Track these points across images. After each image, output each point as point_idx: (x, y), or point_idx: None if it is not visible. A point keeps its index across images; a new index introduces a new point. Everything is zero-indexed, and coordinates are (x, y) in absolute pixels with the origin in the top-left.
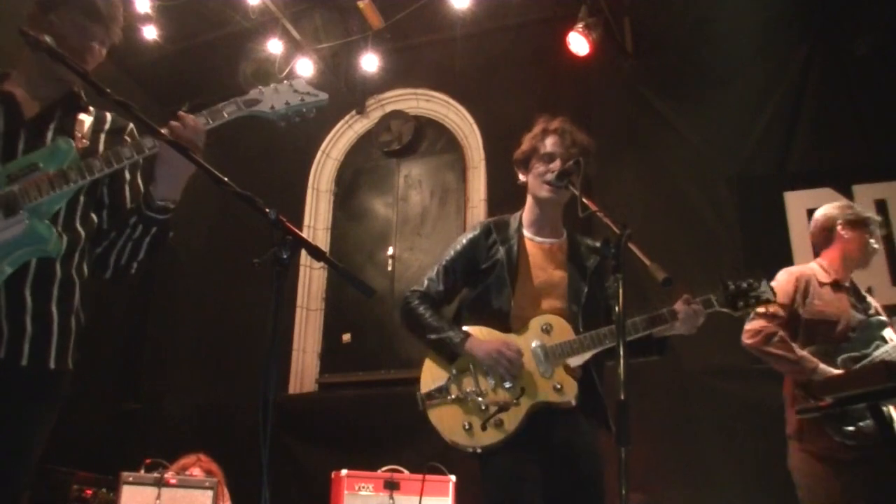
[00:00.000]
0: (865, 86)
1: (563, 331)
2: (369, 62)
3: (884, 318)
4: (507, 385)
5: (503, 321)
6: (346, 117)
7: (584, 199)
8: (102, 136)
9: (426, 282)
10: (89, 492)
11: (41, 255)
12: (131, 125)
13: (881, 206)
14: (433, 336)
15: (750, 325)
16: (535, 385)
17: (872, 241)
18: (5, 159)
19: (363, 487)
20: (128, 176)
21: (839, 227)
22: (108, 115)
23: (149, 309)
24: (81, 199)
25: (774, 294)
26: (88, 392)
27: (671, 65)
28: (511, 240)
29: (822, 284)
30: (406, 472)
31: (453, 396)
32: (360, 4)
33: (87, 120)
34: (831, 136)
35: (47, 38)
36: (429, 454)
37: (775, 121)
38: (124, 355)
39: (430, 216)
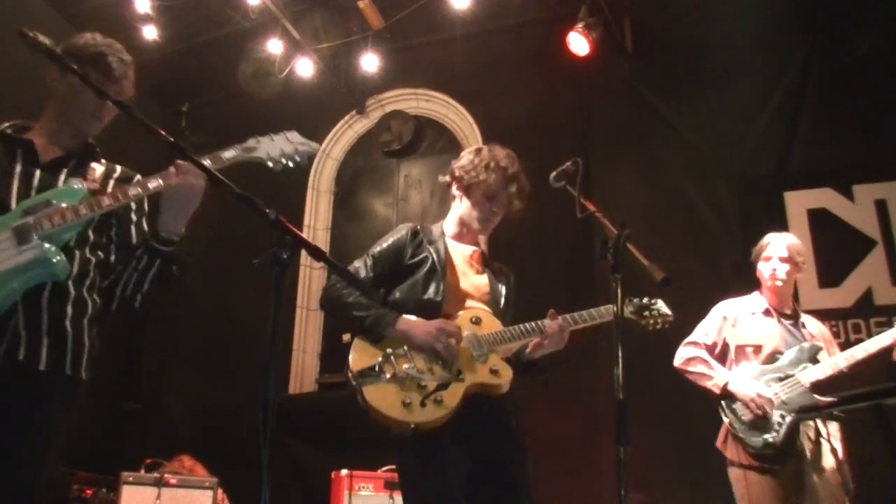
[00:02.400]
0: (865, 86)
1: (492, 323)
2: (369, 62)
3: (820, 344)
4: (444, 364)
5: (434, 311)
6: (346, 117)
7: (583, 200)
8: (111, 182)
9: (353, 269)
10: (89, 492)
11: (51, 277)
12: (138, 176)
13: (881, 206)
14: (363, 314)
15: (679, 352)
16: (472, 367)
17: (775, 270)
18: (19, 196)
19: (363, 487)
20: (134, 217)
21: (756, 262)
22: (118, 167)
23: (149, 309)
24: (91, 234)
25: (670, 313)
26: (88, 392)
27: (671, 65)
28: (437, 242)
29: (753, 314)
30: None
31: (388, 375)
32: (360, 4)
33: (98, 168)
34: (831, 136)
35: (45, 40)
36: None
37: (775, 121)
38: (124, 355)
39: (430, 216)
